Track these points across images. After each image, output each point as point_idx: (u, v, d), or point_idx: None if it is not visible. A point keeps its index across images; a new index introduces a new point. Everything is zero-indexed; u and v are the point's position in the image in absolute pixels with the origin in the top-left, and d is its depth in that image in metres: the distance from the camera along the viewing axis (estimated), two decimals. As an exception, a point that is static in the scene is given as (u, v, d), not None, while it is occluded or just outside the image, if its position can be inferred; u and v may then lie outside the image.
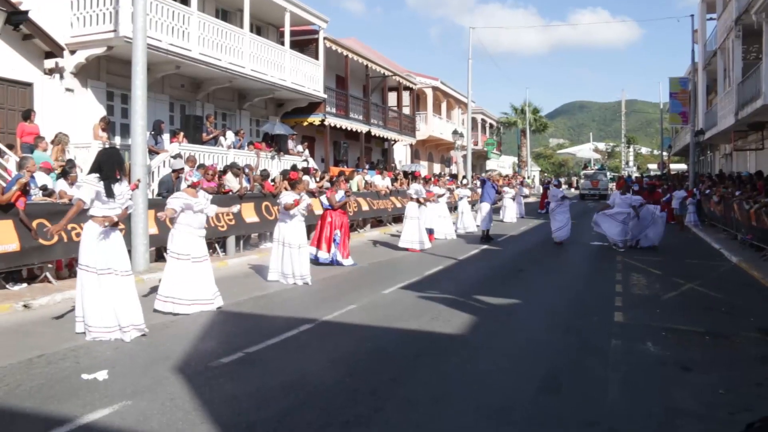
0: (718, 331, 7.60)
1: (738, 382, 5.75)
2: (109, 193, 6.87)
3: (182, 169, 13.27)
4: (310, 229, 12.81)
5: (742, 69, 23.31)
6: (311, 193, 14.78)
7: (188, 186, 8.70)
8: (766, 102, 19.19)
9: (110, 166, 6.94)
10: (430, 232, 17.24)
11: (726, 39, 25.90)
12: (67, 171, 11.20)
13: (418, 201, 15.83)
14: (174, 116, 19.80)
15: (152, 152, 15.15)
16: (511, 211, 25.74)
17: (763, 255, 13.82)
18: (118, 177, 7.03)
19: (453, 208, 22.75)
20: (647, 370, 6.09)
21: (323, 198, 13.41)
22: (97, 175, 6.89)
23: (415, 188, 16.20)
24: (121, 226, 7.73)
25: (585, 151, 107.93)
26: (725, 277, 12.06)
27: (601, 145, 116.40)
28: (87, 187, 6.92)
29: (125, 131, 16.70)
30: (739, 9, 22.35)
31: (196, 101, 20.40)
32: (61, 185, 10.92)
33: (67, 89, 15.85)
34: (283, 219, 10.83)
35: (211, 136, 18.33)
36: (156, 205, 11.97)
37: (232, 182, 14.69)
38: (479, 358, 6.36)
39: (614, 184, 48.15)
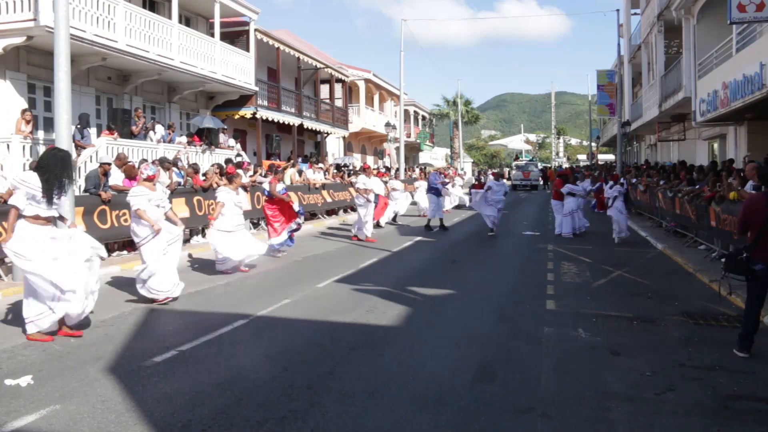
0: (644, 316, 7.93)
1: (663, 363, 6.02)
2: (49, 200, 6.58)
3: (109, 163, 12.90)
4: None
5: (665, 63, 24.33)
6: (244, 187, 14.72)
7: (144, 179, 8.57)
8: (687, 95, 20.07)
9: (56, 174, 6.61)
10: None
11: (649, 34, 26.84)
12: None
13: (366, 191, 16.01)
14: (101, 110, 19.23)
15: (78, 147, 14.69)
16: (453, 200, 26.75)
17: (686, 242, 14.43)
18: (64, 189, 6.71)
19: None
20: (579, 356, 6.30)
21: (265, 185, 13.29)
22: (40, 177, 6.52)
23: (362, 180, 16.43)
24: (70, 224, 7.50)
25: (516, 142, 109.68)
26: (651, 263, 12.52)
27: (532, 137, 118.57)
28: (20, 194, 6.51)
29: (49, 125, 16.09)
30: (660, 5, 23.19)
31: (124, 94, 19.84)
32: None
33: (-17, 81, 15.15)
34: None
35: (139, 127, 17.88)
36: (83, 202, 11.61)
37: (162, 177, 14.36)
38: (414, 350, 6.43)
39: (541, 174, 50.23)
